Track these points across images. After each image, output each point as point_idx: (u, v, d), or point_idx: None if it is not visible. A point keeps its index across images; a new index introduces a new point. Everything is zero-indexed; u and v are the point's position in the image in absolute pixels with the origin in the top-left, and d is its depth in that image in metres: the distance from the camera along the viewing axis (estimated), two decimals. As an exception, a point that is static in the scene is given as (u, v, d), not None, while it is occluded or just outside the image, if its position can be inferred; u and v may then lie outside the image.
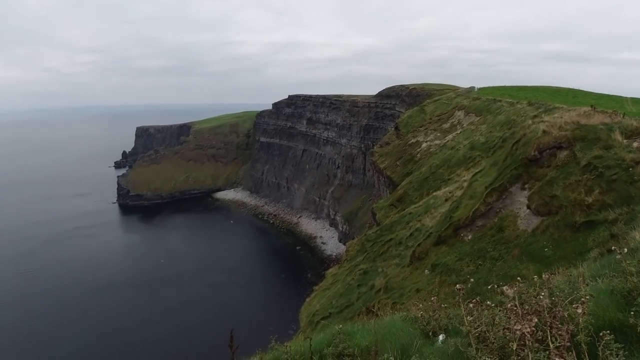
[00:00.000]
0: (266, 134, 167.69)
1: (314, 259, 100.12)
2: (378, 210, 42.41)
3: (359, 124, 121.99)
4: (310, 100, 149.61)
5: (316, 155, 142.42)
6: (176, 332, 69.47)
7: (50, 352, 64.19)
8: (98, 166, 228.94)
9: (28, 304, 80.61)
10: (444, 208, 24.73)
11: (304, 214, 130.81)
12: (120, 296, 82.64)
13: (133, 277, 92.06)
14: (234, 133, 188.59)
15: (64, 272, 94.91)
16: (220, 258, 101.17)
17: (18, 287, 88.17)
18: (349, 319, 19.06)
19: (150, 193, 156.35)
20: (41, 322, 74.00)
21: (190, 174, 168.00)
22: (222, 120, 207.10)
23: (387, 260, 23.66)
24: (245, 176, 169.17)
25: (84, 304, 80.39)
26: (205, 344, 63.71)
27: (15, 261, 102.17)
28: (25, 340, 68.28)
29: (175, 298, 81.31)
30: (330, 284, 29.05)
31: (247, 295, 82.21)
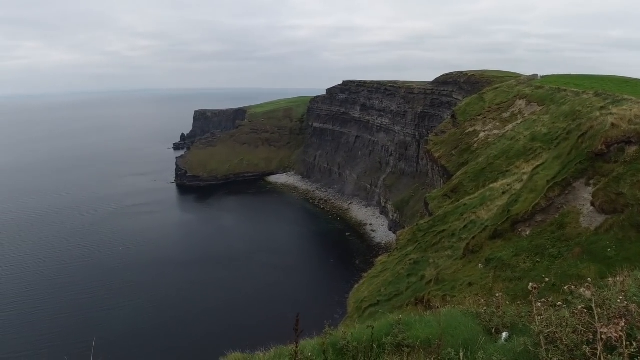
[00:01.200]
0: (319, 119, 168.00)
1: (362, 245, 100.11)
2: (431, 200, 41.61)
3: (413, 111, 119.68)
4: (364, 86, 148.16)
5: (369, 142, 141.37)
6: (225, 310, 71.67)
7: (103, 323, 67.88)
8: (158, 147, 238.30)
9: (86, 276, 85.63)
10: (501, 201, 23.89)
11: (354, 201, 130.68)
12: (173, 273, 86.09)
13: (186, 254, 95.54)
14: (287, 118, 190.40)
15: (121, 248, 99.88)
16: (271, 240, 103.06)
17: (78, 259, 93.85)
18: (397, 308, 18.89)
19: (206, 174, 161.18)
20: (97, 293, 78.50)
21: (245, 157, 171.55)
22: (277, 105, 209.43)
23: (439, 252, 23.21)
24: (297, 161, 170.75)
25: (139, 278, 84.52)
26: (254, 322, 65.37)
27: (77, 234, 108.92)
28: (81, 310, 72.67)
29: (227, 277, 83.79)
30: (380, 272, 28.90)
31: (295, 278, 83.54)
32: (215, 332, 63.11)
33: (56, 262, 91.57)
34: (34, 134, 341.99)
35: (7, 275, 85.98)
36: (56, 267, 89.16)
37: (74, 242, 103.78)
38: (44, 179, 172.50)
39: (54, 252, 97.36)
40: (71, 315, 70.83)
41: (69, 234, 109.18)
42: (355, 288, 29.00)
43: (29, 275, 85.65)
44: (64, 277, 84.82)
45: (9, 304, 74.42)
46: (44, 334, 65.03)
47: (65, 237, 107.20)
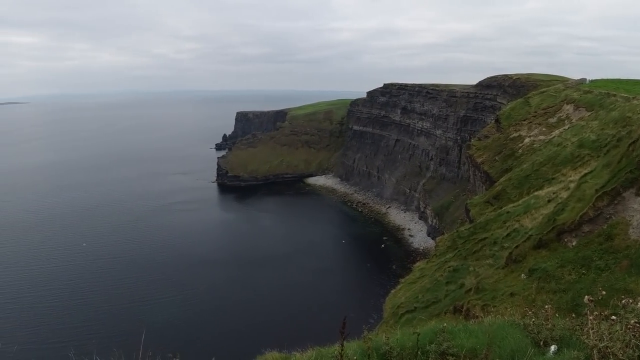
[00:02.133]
0: (359, 122, 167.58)
1: (400, 250, 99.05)
2: (472, 206, 40.73)
3: (456, 114, 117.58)
4: (405, 89, 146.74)
5: (409, 145, 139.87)
6: (261, 309, 72.32)
7: (145, 315, 69.84)
8: (201, 147, 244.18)
9: (129, 269, 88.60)
10: (546, 209, 23.12)
11: (393, 205, 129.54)
12: (212, 269, 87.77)
13: (225, 252, 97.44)
14: (327, 120, 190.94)
15: (164, 243, 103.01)
16: (308, 242, 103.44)
17: (122, 252, 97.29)
18: (435, 315, 18.58)
19: (246, 175, 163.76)
20: (139, 286, 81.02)
21: (284, 159, 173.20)
22: (317, 107, 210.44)
23: (480, 260, 22.68)
24: (336, 163, 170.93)
25: (180, 273, 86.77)
26: (289, 322, 65.78)
27: (122, 228, 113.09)
28: (125, 301, 75.13)
29: (264, 277, 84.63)
30: (417, 278, 28.51)
31: (330, 280, 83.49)
32: (252, 330, 63.87)
33: (101, 255, 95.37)
34: (82, 132, 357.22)
35: (56, 267, 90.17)
36: (101, 260, 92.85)
37: (119, 236, 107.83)
38: (91, 175, 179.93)
39: (100, 245, 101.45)
40: (115, 305, 73.54)
41: (114, 228, 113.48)
42: (392, 293, 28.71)
43: (76, 267, 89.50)
44: (108, 269, 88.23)
45: (58, 294, 78.00)
46: (91, 322, 67.67)
47: (111, 231, 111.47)
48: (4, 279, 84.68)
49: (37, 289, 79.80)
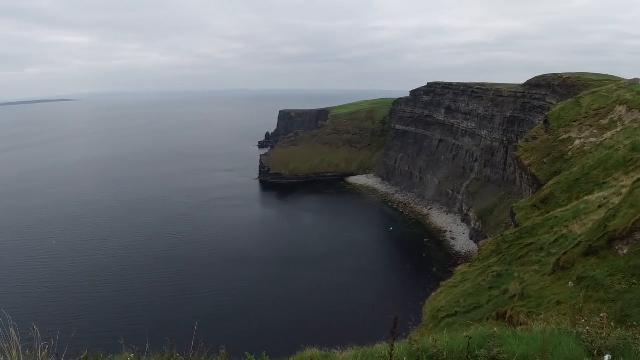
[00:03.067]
0: (402, 121, 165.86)
1: (441, 253, 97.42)
2: (518, 210, 39.60)
3: (502, 115, 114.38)
4: (450, 88, 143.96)
5: (453, 146, 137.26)
6: (299, 307, 72.78)
7: (186, 307, 71.70)
8: (244, 145, 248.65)
9: (173, 262, 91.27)
10: (596, 215, 22.23)
11: (434, 206, 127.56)
12: (253, 265, 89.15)
13: (265, 250, 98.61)
14: (369, 119, 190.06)
15: (207, 238, 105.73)
16: (347, 241, 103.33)
17: (166, 246, 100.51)
18: (476, 321, 18.23)
19: (288, 173, 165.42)
20: (181, 279, 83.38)
21: (326, 157, 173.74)
22: (359, 107, 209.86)
23: (525, 266, 22.05)
24: (378, 163, 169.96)
25: (221, 267, 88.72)
26: (327, 321, 65.99)
27: (166, 223, 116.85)
28: (168, 293, 77.47)
29: (303, 276, 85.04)
30: (459, 282, 28.01)
31: (369, 280, 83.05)
32: (290, 327, 64.55)
33: (148, 247, 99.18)
34: (131, 129, 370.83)
35: (103, 258, 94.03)
36: (148, 252, 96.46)
37: (165, 229, 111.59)
38: (139, 170, 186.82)
39: (144, 238, 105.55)
40: (161, 296, 76.17)
41: (160, 221, 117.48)
42: (432, 296, 28.35)
43: (124, 258, 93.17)
44: (154, 261, 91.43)
45: (108, 284, 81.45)
46: (139, 312, 70.18)
47: (157, 224, 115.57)
48: (59, 267, 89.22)
49: (88, 278, 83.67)
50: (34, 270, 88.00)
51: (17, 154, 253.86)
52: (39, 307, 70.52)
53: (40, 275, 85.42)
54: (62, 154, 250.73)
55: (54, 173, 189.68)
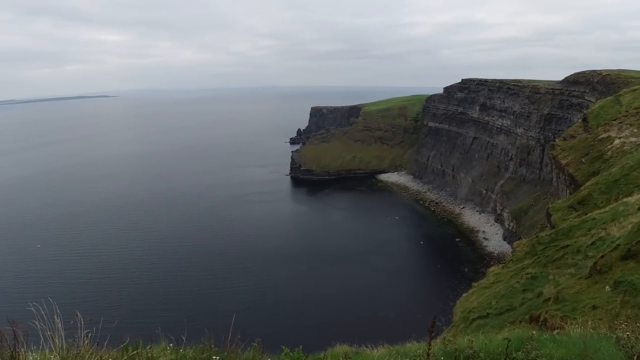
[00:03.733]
0: (435, 118, 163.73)
1: (473, 253, 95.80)
2: (554, 211, 38.59)
3: (539, 112, 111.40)
4: (485, 84, 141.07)
5: (487, 144, 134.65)
6: (328, 304, 72.89)
7: (216, 300, 72.89)
8: (276, 141, 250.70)
9: (203, 256, 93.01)
10: (636, 218, 21.49)
11: (467, 205, 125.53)
12: (282, 264, 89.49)
13: (295, 247, 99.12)
14: (402, 116, 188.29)
15: (238, 233, 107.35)
16: (378, 240, 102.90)
17: (197, 240, 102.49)
18: (509, 323, 17.93)
19: (319, 169, 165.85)
20: (212, 273, 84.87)
21: (357, 154, 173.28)
22: (391, 103, 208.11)
23: (561, 268, 21.51)
24: (409, 160, 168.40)
25: (250, 262, 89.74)
26: (355, 319, 66.00)
27: (199, 217, 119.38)
28: (197, 287, 78.97)
29: (332, 273, 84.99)
30: (491, 283, 27.55)
31: (399, 279, 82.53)
32: (319, 324, 64.71)
33: (179, 241, 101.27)
34: (165, 125, 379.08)
35: (138, 250, 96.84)
36: (179, 246, 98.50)
37: (197, 223, 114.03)
38: (173, 165, 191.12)
39: (178, 231, 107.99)
40: (192, 290, 77.68)
41: (192, 216, 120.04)
42: (464, 297, 27.98)
43: (157, 252, 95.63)
44: (185, 255, 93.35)
45: (142, 276, 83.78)
46: (172, 304, 71.86)
47: (190, 218, 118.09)
48: (98, 258, 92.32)
49: (126, 269, 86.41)
50: (75, 260, 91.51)
51: (57, 148, 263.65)
52: (82, 296, 72.97)
53: (81, 265, 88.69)
54: (99, 149, 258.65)
55: (92, 167, 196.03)
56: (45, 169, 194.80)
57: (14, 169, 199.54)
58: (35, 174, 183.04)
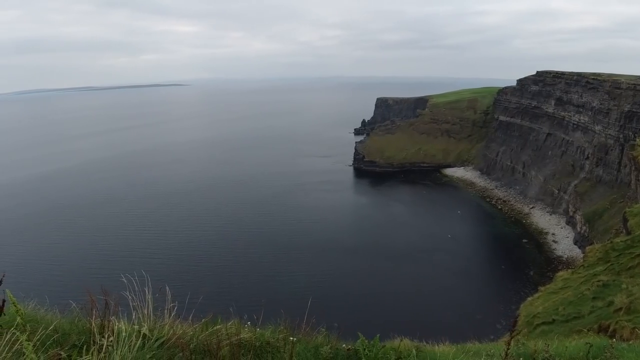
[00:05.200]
0: (506, 112, 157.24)
1: (540, 256, 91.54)
2: (631, 216, 36.41)
3: (619, 109, 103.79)
4: (561, 77, 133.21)
5: (562, 141, 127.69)
6: (384, 300, 72.09)
7: (269, 287, 74.72)
8: (340, 131, 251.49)
9: (262, 242, 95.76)
10: None
11: (537, 205, 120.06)
12: (341, 253, 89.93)
13: (355, 237, 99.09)
14: (471, 109, 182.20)
15: (298, 221, 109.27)
16: (439, 236, 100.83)
17: (257, 225, 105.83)
18: (575, 332, 17.38)
19: (382, 161, 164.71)
20: (268, 259, 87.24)
21: (422, 147, 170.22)
22: (460, 95, 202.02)
23: (635, 277, 20.47)
24: (477, 155, 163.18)
25: (307, 250, 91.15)
26: (413, 316, 65.53)
27: (260, 203, 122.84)
28: (252, 271, 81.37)
29: (391, 268, 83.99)
30: (559, 288, 26.60)
31: (460, 278, 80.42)
32: (376, 318, 64.57)
33: (238, 226, 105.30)
34: (234, 113, 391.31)
35: (207, 232, 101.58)
36: (237, 231, 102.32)
37: (258, 209, 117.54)
38: (239, 152, 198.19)
39: (236, 217, 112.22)
40: (244, 274, 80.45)
41: (255, 202, 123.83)
42: (529, 301, 27.21)
43: (213, 235, 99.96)
44: (243, 240, 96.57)
45: (197, 258, 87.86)
46: (229, 287, 74.68)
47: (252, 204, 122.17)
48: (167, 237, 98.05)
49: (196, 250, 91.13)
50: (154, 238, 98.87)
51: (133, 133, 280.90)
52: (171, 271, 77.74)
53: (162, 243, 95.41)
54: (171, 134, 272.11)
55: (164, 152, 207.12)
56: (123, 152, 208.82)
57: (95, 150, 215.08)
58: (113, 156, 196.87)
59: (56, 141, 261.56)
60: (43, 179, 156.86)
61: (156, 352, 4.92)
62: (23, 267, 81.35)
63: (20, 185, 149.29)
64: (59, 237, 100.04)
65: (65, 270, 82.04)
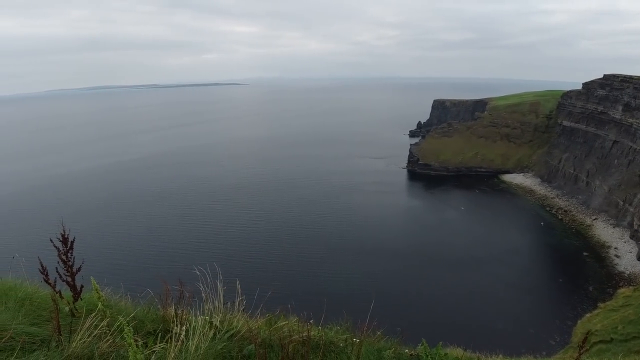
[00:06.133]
0: (571, 117, 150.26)
1: (601, 271, 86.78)
2: None
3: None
4: (630, 81, 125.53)
5: (629, 149, 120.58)
6: (436, 308, 70.94)
7: (321, 285, 75.26)
8: (395, 132, 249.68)
9: (313, 240, 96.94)
10: None
11: (600, 217, 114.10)
12: (393, 260, 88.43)
13: (408, 243, 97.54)
14: (533, 113, 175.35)
15: (349, 221, 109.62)
16: (496, 245, 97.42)
17: (308, 224, 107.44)
18: (634, 352, 16.79)
19: (437, 164, 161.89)
20: (318, 257, 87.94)
21: (480, 151, 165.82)
22: (522, 98, 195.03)
23: None
24: (538, 162, 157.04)
25: (359, 252, 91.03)
26: (466, 326, 64.25)
27: (312, 202, 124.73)
28: (299, 269, 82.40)
29: (442, 275, 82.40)
30: (620, 306, 25.57)
31: (514, 290, 77.30)
32: (426, 325, 63.64)
33: (288, 224, 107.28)
34: (290, 111, 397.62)
35: (248, 229, 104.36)
36: (288, 228, 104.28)
37: (309, 208, 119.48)
38: (293, 150, 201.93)
39: (287, 214, 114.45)
40: (299, 270, 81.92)
41: (307, 201, 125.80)
42: (586, 317, 26.32)
43: (265, 232, 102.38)
44: (297, 238, 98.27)
45: (251, 253, 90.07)
46: (287, 284, 76.03)
47: (303, 203, 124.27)
48: (228, 233, 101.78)
49: (253, 245, 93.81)
50: (210, 232, 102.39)
51: (193, 129, 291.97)
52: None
53: (228, 235, 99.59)
54: (229, 131, 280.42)
55: (222, 148, 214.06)
56: (183, 147, 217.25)
57: (157, 144, 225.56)
58: (174, 151, 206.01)
59: (124, 134, 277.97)
60: (110, 170, 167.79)
61: (227, 343, 5.16)
62: (99, 253, 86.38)
63: (96, 174, 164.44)
64: (130, 227, 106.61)
65: (136, 258, 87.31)
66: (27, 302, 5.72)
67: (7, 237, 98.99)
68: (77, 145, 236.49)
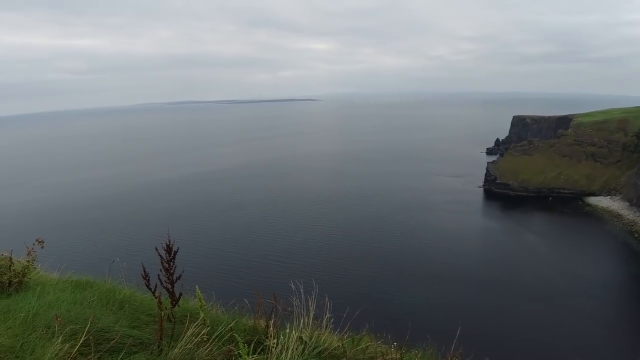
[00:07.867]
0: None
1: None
2: None
3: None
4: None
5: None
6: (517, 349, 66.75)
7: (399, 305, 74.04)
8: (471, 150, 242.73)
9: (384, 258, 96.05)
10: None
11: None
12: (466, 286, 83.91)
13: (483, 269, 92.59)
14: (621, 131, 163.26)
15: (422, 241, 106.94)
16: (580, 276, 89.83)
17: (378, 241, 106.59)
18: None
19: (516, 184, 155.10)
20: (393, 275, 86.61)
21: (563, 171, 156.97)
22: (609, 115, 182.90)
23: None
24: (627, 184, 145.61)
25: (431, 272, 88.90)
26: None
27: (384, 218, 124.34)
28: (368, 284, 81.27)
29: (526, 312, 75.49)
30: None
31: (595, 325, 70.98)
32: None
33: (359, 240, 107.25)
34: (365, 127, 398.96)
35: (320, 240, 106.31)
36: (359, 245, 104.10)
37: (379, 224, 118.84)
38: (364, 166, 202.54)
39: (359, 230, 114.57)
40: (376, 291, 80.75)
41: (376, 216, 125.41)
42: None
43: (335, 245, 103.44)
44: (372, 256, 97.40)
45: (321, 267, 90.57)
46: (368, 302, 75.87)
47: (374, 218, 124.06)
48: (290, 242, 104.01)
49: (329, 259, 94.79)
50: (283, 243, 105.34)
51: (270, 143, 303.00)
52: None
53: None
54: (303, 145, 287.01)
55: (296, 161, 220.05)
56: (259, 159, 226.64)
57: (236, 157, 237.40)
58: (251, 163, 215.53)
59: (207, 146, 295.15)
60: (195, 180, 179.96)
61: (315, 359, 5.27)
62: (193, 262, 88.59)
63: (184, 182, 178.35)
64: (219, 237, 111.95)
65: (229, 268, 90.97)
66: (127, 305, 6.09)
67: (103, 239, 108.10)
68: (170, 154, 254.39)
